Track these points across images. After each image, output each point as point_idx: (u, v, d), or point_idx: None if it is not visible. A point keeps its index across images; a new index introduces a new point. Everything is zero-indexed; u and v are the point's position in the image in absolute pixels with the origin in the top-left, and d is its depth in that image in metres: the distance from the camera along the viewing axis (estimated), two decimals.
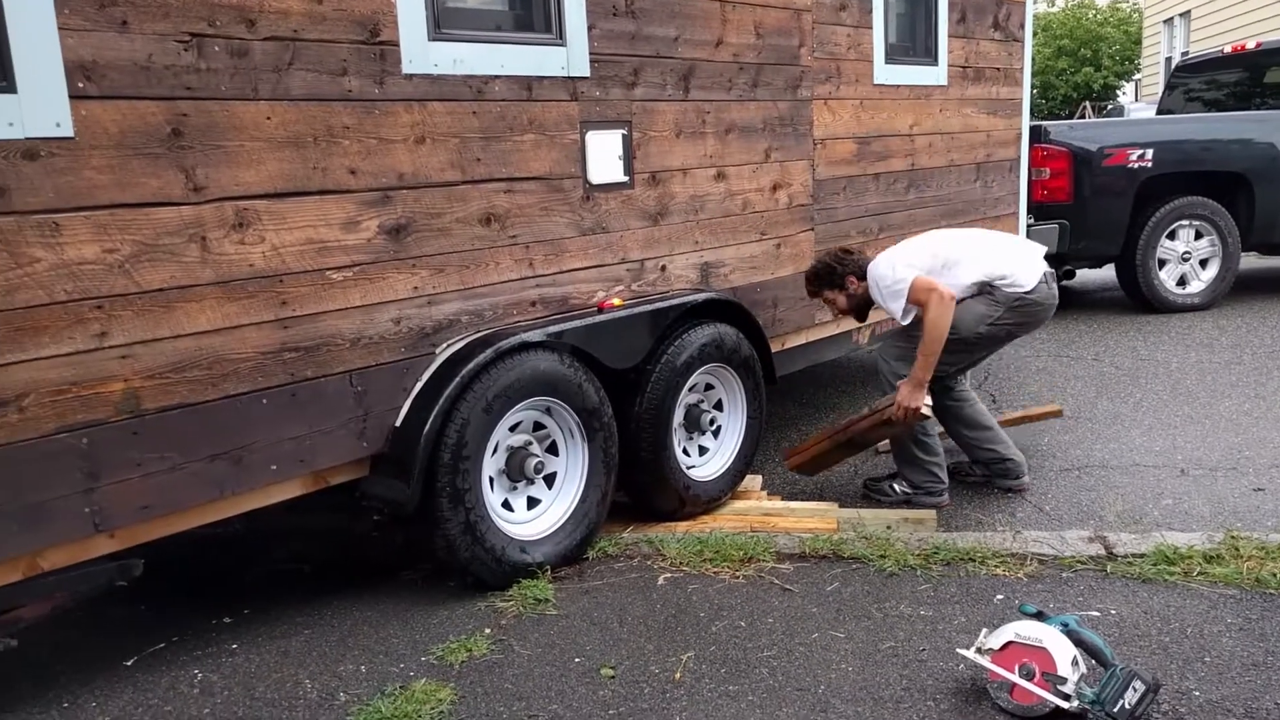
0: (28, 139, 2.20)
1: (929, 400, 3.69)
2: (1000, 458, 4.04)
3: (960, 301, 3.73)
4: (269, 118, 2.60)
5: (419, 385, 2.99)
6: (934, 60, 5.19)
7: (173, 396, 2.49)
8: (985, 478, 4.12)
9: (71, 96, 2.25)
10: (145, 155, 2.38)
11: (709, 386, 3.90)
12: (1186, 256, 7.26)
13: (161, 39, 2.38)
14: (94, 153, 2.30)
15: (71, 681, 2.80)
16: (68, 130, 2.25)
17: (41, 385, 2.27)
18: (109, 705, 2.66)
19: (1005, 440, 4.08)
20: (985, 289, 3.81)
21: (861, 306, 4.07)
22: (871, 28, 4.70)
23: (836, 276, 4.01)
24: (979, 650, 2.43)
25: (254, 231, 2.60)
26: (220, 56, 2.49)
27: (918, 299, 3.68)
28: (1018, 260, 3.85)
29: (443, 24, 2.98)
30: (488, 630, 2.91)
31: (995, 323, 3.80)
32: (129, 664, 2.88)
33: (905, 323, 3.79)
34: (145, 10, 2.35)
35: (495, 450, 3.17)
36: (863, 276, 3.96)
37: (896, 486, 3.98)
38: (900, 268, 3.77)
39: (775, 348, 4.20)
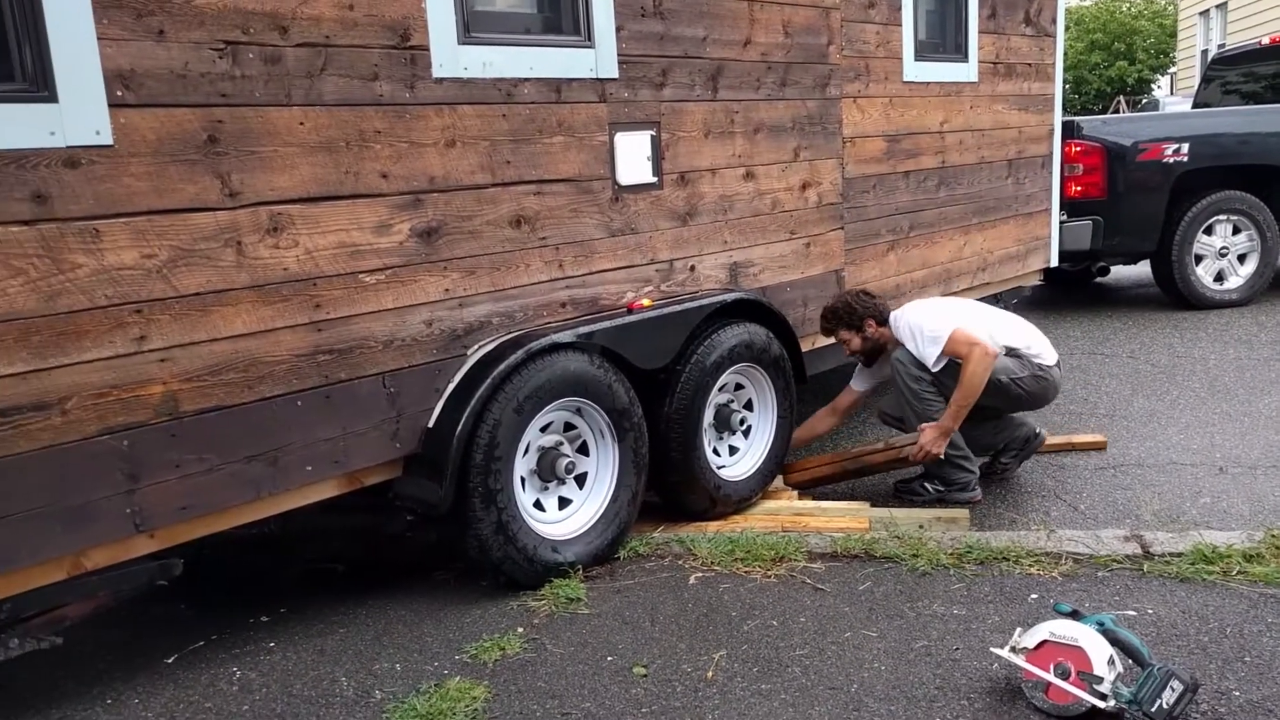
0: (69, 147, 2.24)
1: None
2: (1011, 432, 4.08)
3: None
4: (302, 123, 2.63)
5: (451, 386, 3.01)
6: (964, 56, 5.16)
7: (210, 399, 2.53)
8: (1016, 458, 4.11)
9: (111, 105, 2.29)
10: (182, 162, 2.42)
11: (739, 386, 3.90)
12: (1224, 252, 7.14)
13: (197, 47, 2.42)
14: (132, 160, 2.34)
15: (114, 679, 2.85)
16: (107, 138, 2.29)
17: (83, 388, 2.31)
18: (151, 702, 2.70)
19: (1006, 418, 4.11)
20: (1013, 353, 3.88)
21: (873, 351, 4.09)
22: (901, 25, 4.68)
23: (855, 317, 4.02)
24: (1013, 649, 2.41)
25: (288, 235, 2.63)
26: (254, 63, 2.53)
27: (957, 350, 3.72)
28: (1040, 340, 3.99)
29: (472, 27, 3.01)
30: (520, 629, 2.93)
31: (1015, 380, 3.85)
32: (170, 661, 2.93)
33: (936, 370, 3.80)
34: (181, 19, 2.39)
35: (526, 451, 3.18)
36: (882, 321, 4.01)
37: (929, 486, 3.97)
38: (939, 317, 3.83)
39: (805, 347, 4.19)
